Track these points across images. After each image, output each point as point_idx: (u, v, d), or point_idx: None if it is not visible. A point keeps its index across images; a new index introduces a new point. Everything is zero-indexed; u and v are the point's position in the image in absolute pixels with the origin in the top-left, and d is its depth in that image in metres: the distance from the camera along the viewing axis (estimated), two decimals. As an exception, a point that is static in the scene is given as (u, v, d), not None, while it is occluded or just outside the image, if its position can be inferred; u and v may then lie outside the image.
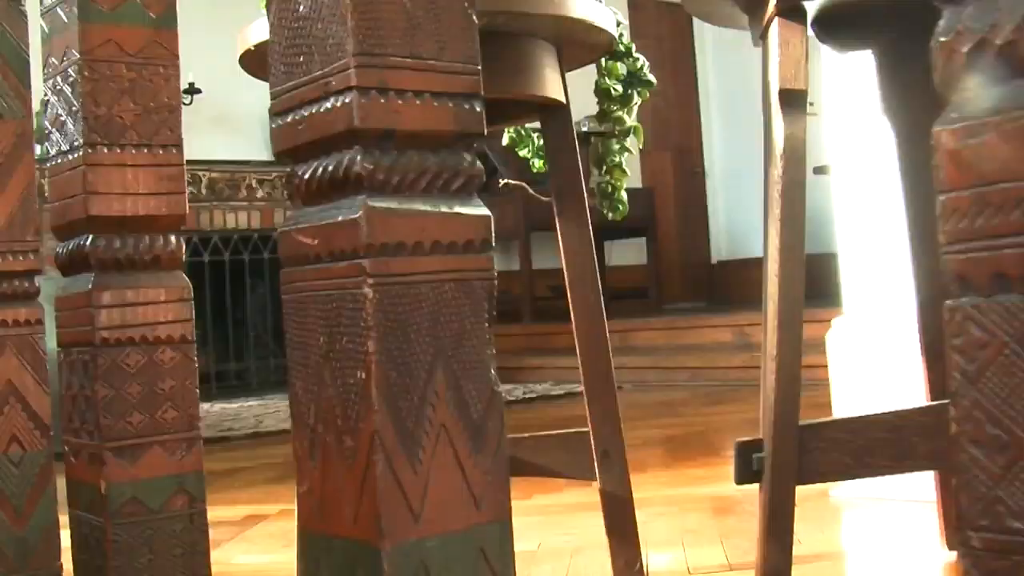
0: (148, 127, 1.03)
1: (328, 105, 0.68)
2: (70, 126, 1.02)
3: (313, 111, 0.69)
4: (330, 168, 0.68)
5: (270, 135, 0.74)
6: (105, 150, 1.01)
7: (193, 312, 1.05)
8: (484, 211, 0.71)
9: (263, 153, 7.46)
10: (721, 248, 10.06)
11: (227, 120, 6.93)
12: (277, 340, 7.46)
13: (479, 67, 0.71)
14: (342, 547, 0.69)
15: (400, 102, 0.68)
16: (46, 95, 1.07)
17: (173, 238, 1.05)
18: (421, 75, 0.69)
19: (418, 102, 0.69)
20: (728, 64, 9.90)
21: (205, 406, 6.65)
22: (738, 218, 9.90)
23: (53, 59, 1.06)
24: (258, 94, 6.52)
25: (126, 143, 1.02)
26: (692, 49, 10.10)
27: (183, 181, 1.05)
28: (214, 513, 1.18)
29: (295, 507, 1.72)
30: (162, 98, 1.04)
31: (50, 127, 1.06)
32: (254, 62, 1.68)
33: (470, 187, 0.71)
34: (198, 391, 1.05)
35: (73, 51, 1.02)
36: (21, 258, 1.38)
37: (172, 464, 1.03)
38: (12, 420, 1.36)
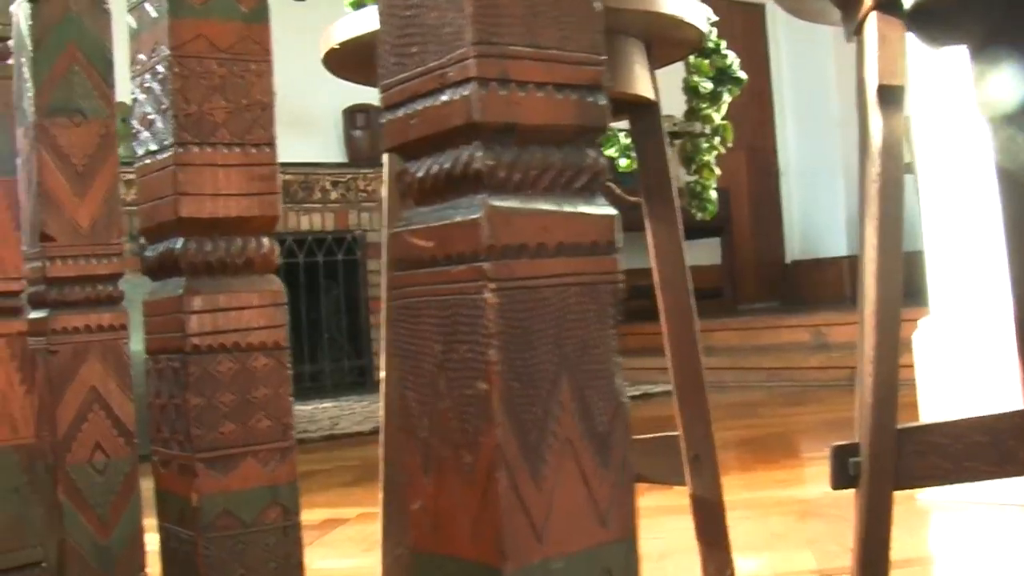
0: (240, 125, 0.99)
1: (444, 98, 0.63)
2: (159, 125, 0.99)
3: (427, 104, 0.65)
4: (447, 165, 0.64)
5: (383, 130, 0.69)
6: (196, 149, 0.97)
7: (287, 317, 1.01)
8: (610, 210, 0.66)
9: (337, 155, 7.48)
10: (795, 248, 9.97)
11: (301, 122, 6.94)
12: (352, 342, 7.47)
13: (603, 58, 0.66)
14: (458, 568, 0.65)
15: (521, 94, 0.63)
16: (133, 93, 1.04)
17: (266, 240, 1.01)
18: (543, 66, 0.64)
19: (540, 94, 0.64)
20: (802, 62, 9.81)
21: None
22: (812, 218, 9.81)
23: (141, 56, 1.02)
24: (332, 95, 6.56)
25: (217, 142, 0.98)
26: (765, 47, 10.01)
27: (276, 181, 1.01)
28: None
29: (376, 511, 1.69)
30: (254, 95, 1.01)
31: (138, 126, 1.03)
32: (338, 61, 1.64)
33: (594, 185, 0.66)
34: (292, 399, 1.01)
35: (163, 47, 0.98)
36: (105, 261, 1.35)
37: (265, 475, 0.99)
38: (96, 427, 1.33)
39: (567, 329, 0.64)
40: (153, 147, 1.00)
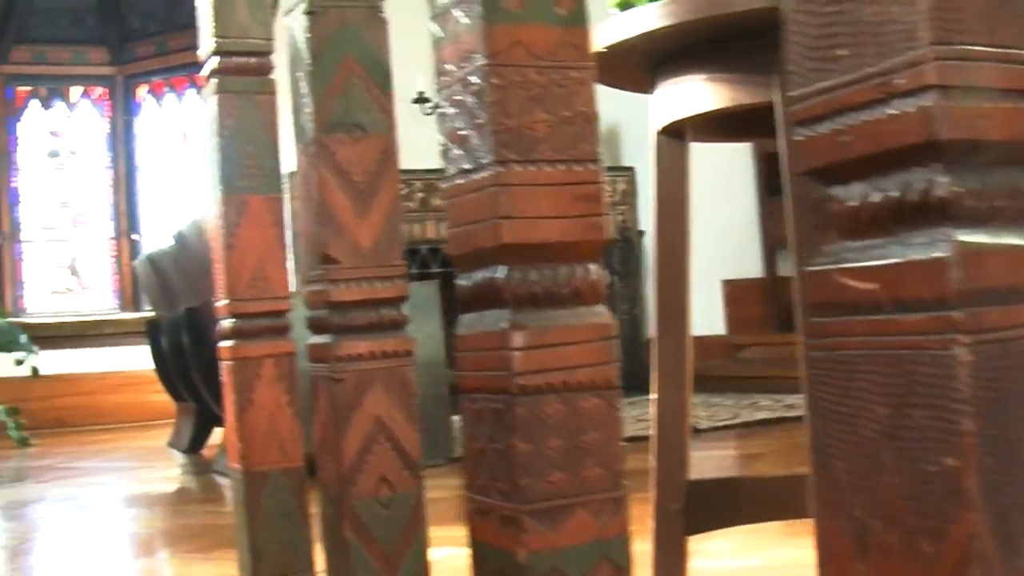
0: (562, 140, 0.90)
1: (891, 110, 0.52)
2: (475, 141, 0.90)
3: (865, 118, 0.54)
4: (894, 192, 0.53)
5: (793, 148, 0.58)
6: (517, 168, 0.87)
7: (618, 353, 0.91)
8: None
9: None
10: None
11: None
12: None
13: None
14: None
15: (987, 105, 0.52)
16: (441, 107, 0.95)
17: (593, 267, 0.91)
18: (1006, 70, 0.53)
19: (1005, 104, 0.52)
20: None
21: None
22: None
23: (449, 66, 0.93)
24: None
25: (539, 159, 0.88)
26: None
27: (602, 201, 0.91)
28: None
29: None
30: (576, 106, 0.91)
31: (448, 142, 0.94)
32: (602, 67, 1.54)
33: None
34: (623, 443, 0.91)
35: (477, 56, 0.89)
36: (388, 284, 1.27)
37: (596, 529, 0.90)
38: (381, 459, 1.26)
39: (1046, 391, 0.52)
40: (467, 165, 0.91)
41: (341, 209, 1.25)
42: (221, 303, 1.64)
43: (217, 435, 5.68)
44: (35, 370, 7.36)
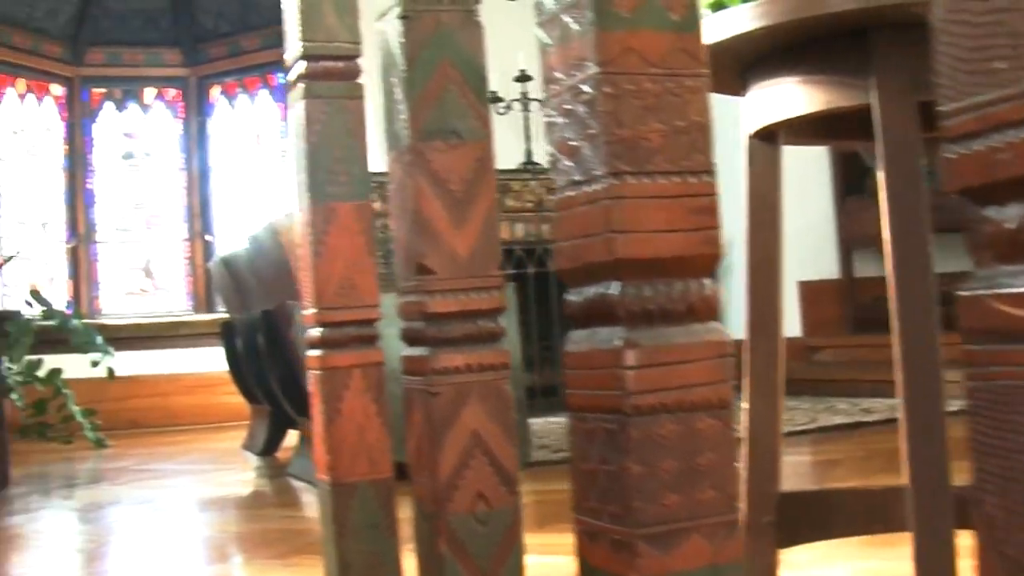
0: (676, 151, 0.86)
1: (1059, 127, 0.49)
2: (586, 152, 0.87)
3: (1028, 136, 0.50)
4: (1062, 215, 0.49)
5: (944, 165, 0.55)
6: (632, 180, 0.84)
7: (732, 369, 0.88)
8: None
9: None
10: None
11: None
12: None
13: None
14: None
15: None
16: (549, 116, 0.92)
17: (707, 282, 0.88)
18: None
19: None
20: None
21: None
22: None
23: (558, 74, 0.91)
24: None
25: (654, 170, 0.85)
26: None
27: (717, 214, 0.88)
28: None
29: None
30: (690, 115, 0.88)
31: (557, 153, 0.91)
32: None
33: None
34: (737, 465, 0.87)
35: (588, 64, 0.86)
36: (485, 295, 1.24)
37: (710, 553, 0.86)
38: (478, 475, 1.23)
39: None
40: (578, 177, 0.88)
41: (437, 218, 1.23)
42: (308, 312, 1.62)
43: (292, 437, 5.69)
44: (111, 371, 7.41)
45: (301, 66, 1.63)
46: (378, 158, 1.60)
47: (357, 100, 1.64)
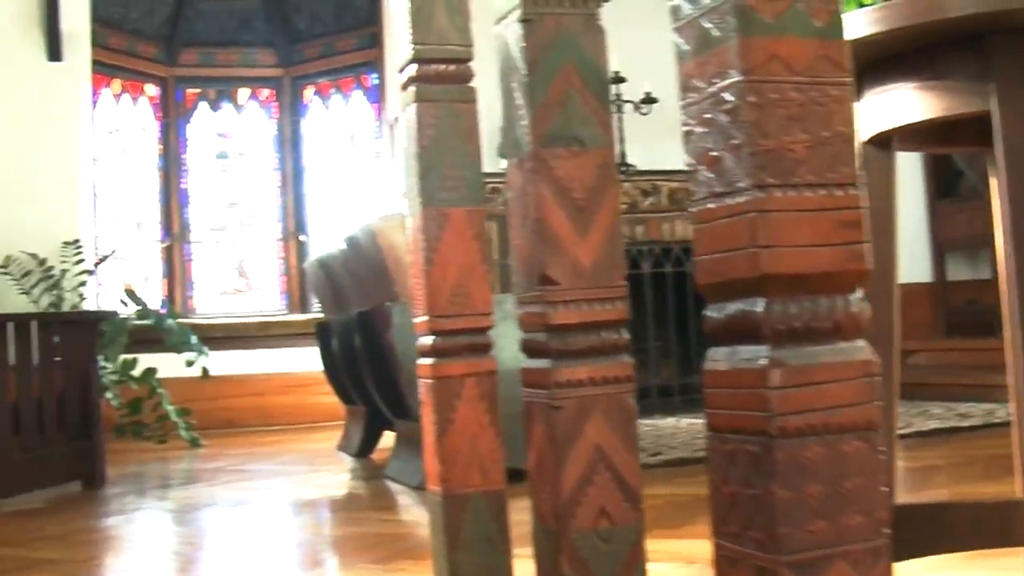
0: (822, 162, 0.83)
1: None
2: (729, 163, 0.84)
3: None
4: None
5: None
6: (777, 192, 0.81)
7: (878, 391, 0.84)
8: None
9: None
10: None
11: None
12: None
13: None
14: None
15: None
16: (687, 125, 0.89)
17: (853, 299, 0.85)
18: None
19: None
20: None
21: (671, 420, 6.54)
22: None
23: (696, 82, 0.88)
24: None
25: (799, 183, 0.82)
26: None
27: (864, 228, 0.84)
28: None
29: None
30: (835, 125, 0.84)
31: (697, 163, 0.88)
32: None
33: None
34: (885, 489, 0.84)
35: (731, 72, 0.83)
36: (609, 306, 1.22)
37: (857, 581, 0.83)
38: (602, 491, 1.20)
39: None
40: (720, 189, 0.85)
41: (560, 227, 1.20)
42: (420, 319, 1.61)
43: (387, 439, 5.69)
44: (205, 371, 7.47)
45: (412, 69, 1.62)
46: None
47: (469, 104, 1.62)
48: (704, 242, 0.87)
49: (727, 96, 0.84)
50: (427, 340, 1.60)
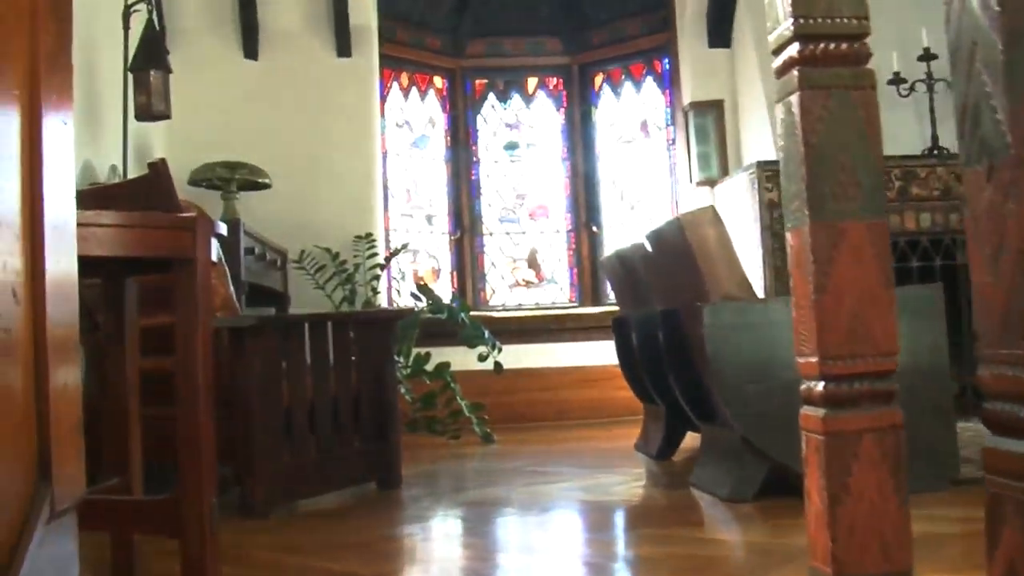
0: None
1: None
2: None
3: None
4: None
5: None
6: None
7: None
8: None
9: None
10: None
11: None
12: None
13: None
14: None
15: None
16: None
17: None
18: None
19: None
20: None
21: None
22: None
23: None
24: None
25: None
26: None
27: None
28: None
29: None
30: None
31: None
32: None
33: None
34: None
35: None
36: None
37: None
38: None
39: None
40: None
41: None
42: (806, 359, 1.29)
43: (690, 439, 5.41)
44: (498, 365, 7.31)
45: (793, 49, 1.30)
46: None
47: (867, 90, 1.30)
48: None
49: None
50: (815, 386, 1.28)
